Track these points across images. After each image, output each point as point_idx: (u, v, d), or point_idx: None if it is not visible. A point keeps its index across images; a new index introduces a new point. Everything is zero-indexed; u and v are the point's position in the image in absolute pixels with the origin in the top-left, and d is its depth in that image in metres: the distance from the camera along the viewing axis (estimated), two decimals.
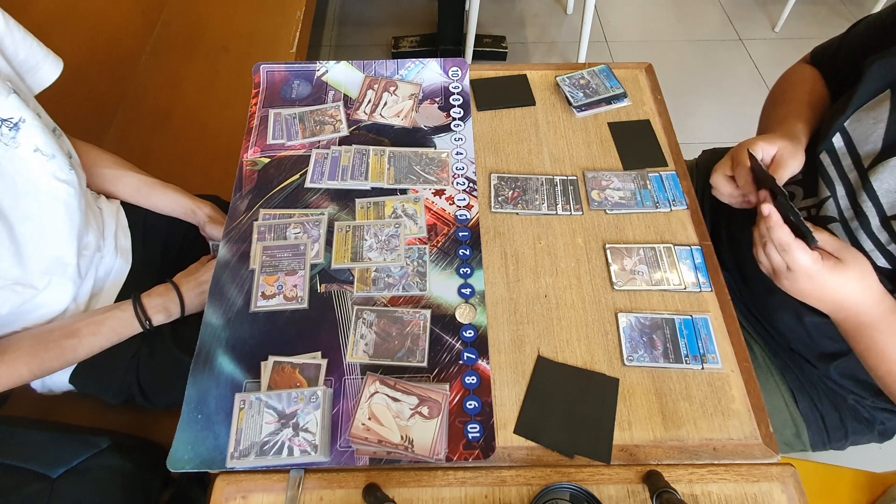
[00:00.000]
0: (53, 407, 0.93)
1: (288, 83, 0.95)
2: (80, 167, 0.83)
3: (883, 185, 0.64)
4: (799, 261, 0.60)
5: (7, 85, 0.72)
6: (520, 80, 0.97)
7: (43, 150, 0.74)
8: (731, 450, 0.63)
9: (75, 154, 0.84)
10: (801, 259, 0.60)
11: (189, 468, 0.61)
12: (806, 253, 0.60)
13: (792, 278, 0.62)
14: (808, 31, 2.35)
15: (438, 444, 0.62)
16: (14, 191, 0.72)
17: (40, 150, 0.74)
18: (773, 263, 0.63)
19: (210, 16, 1.71)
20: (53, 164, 0.75)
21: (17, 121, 0.72)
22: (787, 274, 0.62)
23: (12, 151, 0.71)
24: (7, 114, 0.71)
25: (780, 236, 0.61)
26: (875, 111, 0.66)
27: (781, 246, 0.61)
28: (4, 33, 0.76)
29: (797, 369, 0.81)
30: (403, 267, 0.75)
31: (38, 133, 0.74)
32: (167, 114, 1.47)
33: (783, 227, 0.61)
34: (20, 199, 0.72)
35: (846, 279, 0.60)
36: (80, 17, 1.36)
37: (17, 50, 0.78)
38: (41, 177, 0.74)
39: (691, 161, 1.02)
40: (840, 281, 0.60)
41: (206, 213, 0.96)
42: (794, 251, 0.60)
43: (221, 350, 0.69)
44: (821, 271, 0.60)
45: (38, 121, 0.74)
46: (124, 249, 0.93)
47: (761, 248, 0.64)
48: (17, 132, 0.71)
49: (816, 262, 0.60)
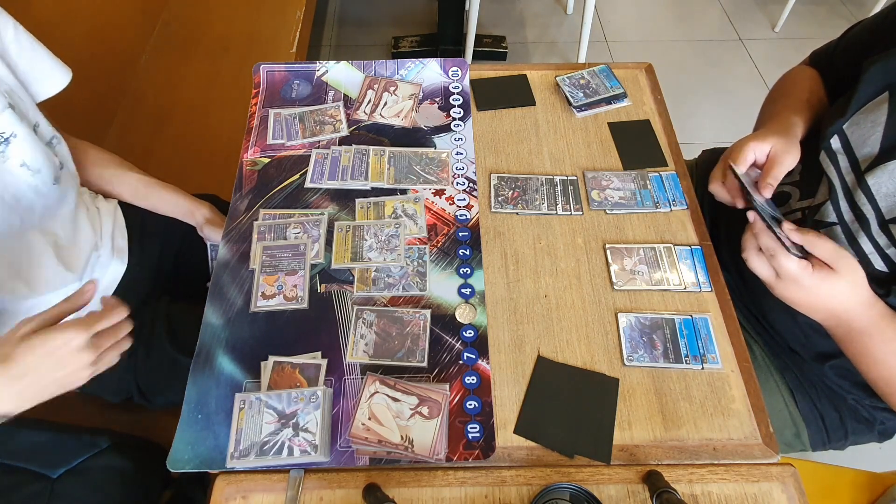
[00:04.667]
0: (53, 407, 0.92)
1: (288, 83, 0.95)
2: (71, 177, 0.83)
3: (881, 189, 0.64)
4: (784, 266, 0.60)
5: (4, 99, 0.72)
6: (520, 80, 0.97)
7: (29, 165, 0.74)
8: (731, 450, 0.63)
9: (70, 163, 0.84)
10: (787, 265, 0.60)
11: (189, 468, 0.61)
12: (791, 259, 0.60)
13: (781, 286, 0.62)
14: (807, 31, 2.35)
15: (438, 444, 0.62)
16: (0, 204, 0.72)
17: (27, 165, 0.74)
18: (763, 270, 0.63)
19: (210, 16, 1.71)
20: (37, 179, 0.75)
21: (9, 136, 0.72)
22: (777, 281, 0.62)
23: (1, 165, 0.71)
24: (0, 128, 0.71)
25: (765, 242, 0.61)
26: (873, 114, 0.66)
27: (767, 251, 0.61)
28: (12, 41, 0.77)
29: (797, 369, 0.81)
30: (403, 267, 0.75)
31: (28, 148, 0.74)
32: (167, 114, 1.47)
33: (767, 233, 0.61)
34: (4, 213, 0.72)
35: (837, 289, 0.60)
36: (80, 17, 1.36)
37: (24, 58, 0.78)
38: (26, 192, 0.75)
39: (691, 161, 1.02)
40: (830, 290, 0.60)
41: (204, 214, 0.96)
42: (780, 257, 0.60)
43: (221, 350, 0.69)
44: (810, 279, 0.60)
45: (31, 135, 0.74)
46: (121, 249, 0.93)
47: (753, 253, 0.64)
48: (6, 146, 0.72)
49: (804, 269, 0.60)
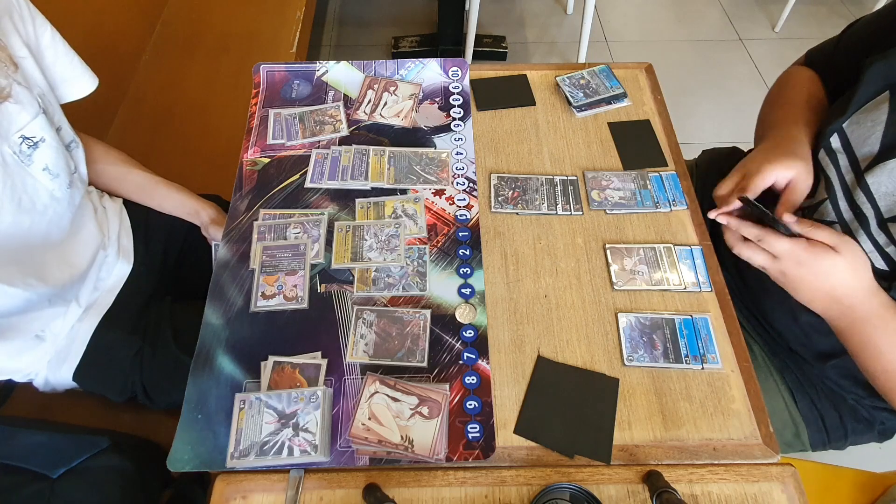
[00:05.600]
0: (54, 407, 0.93)
1: (288, 83, 0.95)
2: (81, 181, 0.84)
3: (881, 188, 0.64)
4: (776, 246, 0.62)
5: (38, 103, 0.73)
6: (520, 80, 0.97)
7: (51, 170, 0.75)
8: (731, 450, 0.63)
9: (82, 167, 0.84)
10: (778, 244, 0.61)
11: (189, 468, 0.61)
12: (781, 239, 0.61)
13: (779, 267, 0.63)
14: (807, 31, 2.35)
15: (438, 444, 0.62)
16: (17, 207, 0.72)
17: (48, 169, 0.75)
18: (756, 256, 0.64)
19: (210, 16, 1.71)
20: (55, 183, 0.76)
21: (38, 140, 0.73)
22: (774, 263, 0.63)
23: (25, 169, 0.73)
24: (31, 132, 0.72)
25: (748, 231, 0.63)
26: (874, 113, 0.66)
27: (756, 238, 0.63)
28: (49, 45, 0.78)
29: (797, 369, 0.81)
30: (403, 267, 0.75)
31: (52, 152, 0.75)
32: (167, 114, 1.47)
33: (746, 223, 0.64)
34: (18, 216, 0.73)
35: (837, 267, 0.60)
36: (80, 17, 1.36)
37: (59, 63, 0.80)
38: (42, 195, 0.75)
39: (691, 161, 1.02)
40: (830, 267, 0.60)
41: (209, 214, 0.96)
42: (769, 238, 0.62)
43: (221, 350, 0.69)
44: (806, 253, 0.61)
45: (56, 140, 0.76)
46: (126, 249, 0.93)
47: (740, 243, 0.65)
48: (34, 150, 0.73)
49: (797, 243, 0.61)
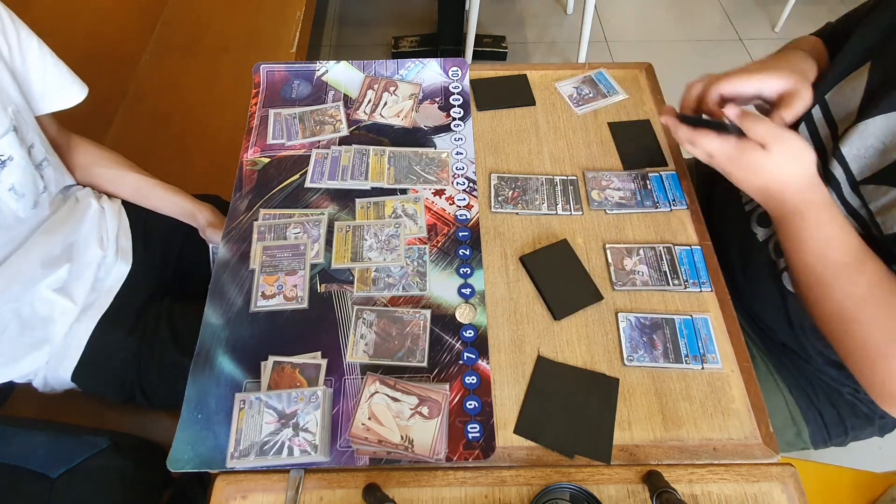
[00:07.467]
0: (54, 407, 0.93)
1: (288, 83, 0.95)
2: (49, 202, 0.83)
3: (852, 151, 0.63)
4: (707, 146, 0.65)
5: (9, 119, 0.72)
6: (520, 80, 0.97)
7: (17, 189, 0.74)
8: (731, 450, 0.63)
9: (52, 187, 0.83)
10: (708, 144, 0.65)
11: (189, 468, 0.61)
12: (710, 138, 0.64)
13: (717, 164, 0.66)
14: (808, 31, 2.30)
15: (438, 444, 0.62)
16: None
17: (14, 189, 0.74)
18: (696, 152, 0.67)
19: (210, 16, 1.71)
20: (19, 204, 0.76)
21: (6, 159, 0.72)
22: (712, 161, 0.66)
23: None
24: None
25: (681, 134, 0.68)
26: (855, 81, 0.66)
27: (689, 141, 0.67)
28: (37, 58, 0.77)
29: (793, 367, 0.81)
30: (403, 267, 0.75)
31: (19, 171, 0.74)
32: (167, 114, 1.47)
33: (681, 126, 0.67)
34: None
35: (765, 162, 0.61)
36: (80, 17, 1.37)
37: (47, 75, 0.79)
38: (7, 215, 0.75)
39: (691, 161, 1.02)
40: (757, 162, 0.62)
41: (206, 216, 0.96)
42: (699, 138, 0.65)
43: (221, 350, 0.69)
44: (738, 152, 0.63)
45: (25, 159, 0.74)
46: (125, 250, 0.93)
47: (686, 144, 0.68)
48: (1, 170, 0.72)
49: (727, 142, 0.63)
